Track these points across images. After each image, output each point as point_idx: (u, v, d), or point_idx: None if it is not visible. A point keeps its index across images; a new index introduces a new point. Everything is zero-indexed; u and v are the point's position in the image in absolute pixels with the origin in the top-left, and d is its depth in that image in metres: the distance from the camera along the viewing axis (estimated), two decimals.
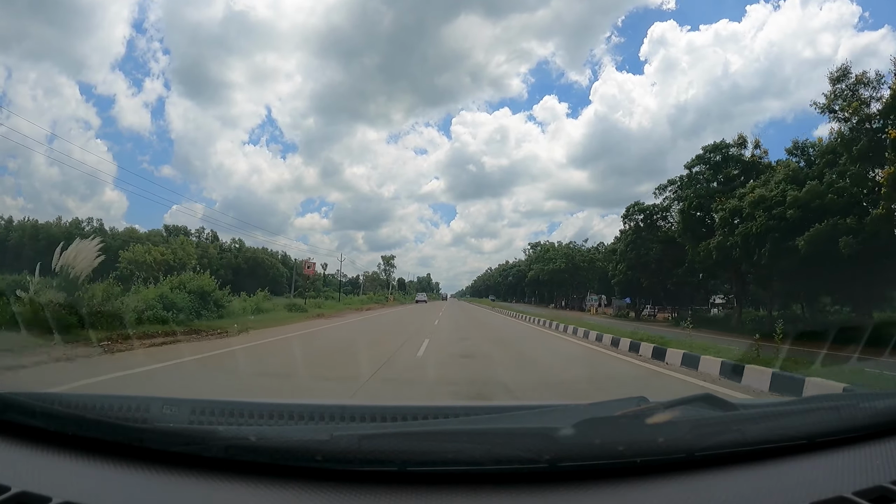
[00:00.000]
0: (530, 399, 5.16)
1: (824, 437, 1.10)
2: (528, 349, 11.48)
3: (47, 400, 1.25)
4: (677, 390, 5.96)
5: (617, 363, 9.08)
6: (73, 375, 5.99)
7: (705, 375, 7.19)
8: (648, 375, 7.58)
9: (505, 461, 0.95)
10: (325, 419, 1.24)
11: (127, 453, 1.01)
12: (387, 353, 9.39)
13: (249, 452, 0.97)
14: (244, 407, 1.29)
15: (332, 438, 0.97)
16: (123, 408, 1.23)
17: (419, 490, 0.93)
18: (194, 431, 1.07)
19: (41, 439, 1.06)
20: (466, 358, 9.13)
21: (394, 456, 0.95)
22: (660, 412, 1.06)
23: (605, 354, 10.47)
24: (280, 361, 8.51)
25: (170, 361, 7.57)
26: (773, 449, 1.05)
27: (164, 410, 1.24)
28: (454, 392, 5.66)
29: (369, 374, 6.74)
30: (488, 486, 0.93)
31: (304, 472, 0.95)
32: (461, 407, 1.55)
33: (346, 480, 0.94)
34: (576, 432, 0.97)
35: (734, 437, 1.06)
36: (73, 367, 6.68)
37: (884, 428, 1.14)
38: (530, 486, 0.94)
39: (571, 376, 7.72)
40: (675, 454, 1.00)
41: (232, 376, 6.75)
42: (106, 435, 1.04)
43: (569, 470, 0.96)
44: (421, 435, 1.05)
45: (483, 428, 1.08)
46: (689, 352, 8.29)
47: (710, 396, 1.20)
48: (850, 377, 5.70)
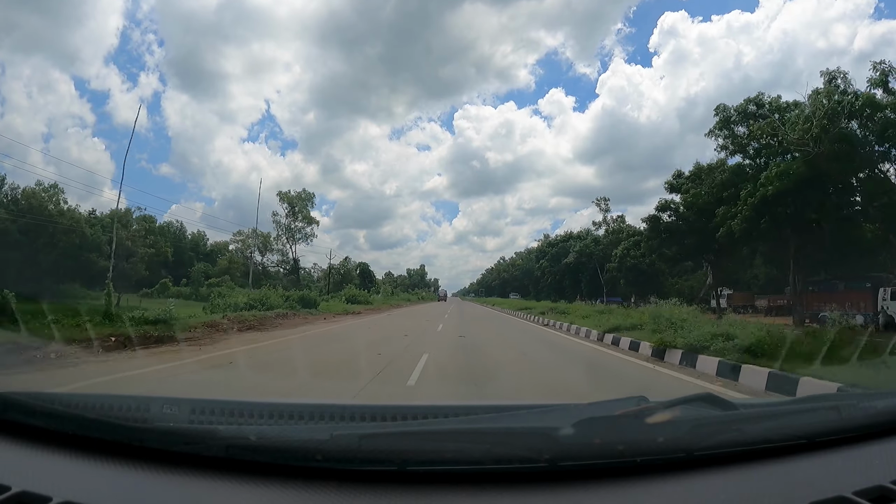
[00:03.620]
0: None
1: (824, 437, 1.10)
2: None
3: (47, 400, 1.25)
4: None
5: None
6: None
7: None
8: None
9: (505, 460, 0.95)
10: (325, 419, 1.24)
11: (127, 453, 1.01)
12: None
13: (249, 452, 0.97)
14: (244, 406, 1.29)
15: (332, 438, 0.97)
16: (123, 407, 1.23)
17: (419, 489, 0.93)
18: (194, 431, 1.07)
19: (41, 439, 1.06)
20: None
21: (394, 455, 0.95)
22: (659, 412, 1.06)
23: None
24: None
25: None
26: (773, 449, 1.05)
27: (164, 410, 1.24)
28: None
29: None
30: (488, 486, 0.94)
31: (305, 472, 0.95)
32: (461, 406, 1.54)
33: (347, 480, 0.94)
34: (576, 432, 0.98)
35: (734, 436, 1.06)
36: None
37: (884, 428, 1.14)
38: (530, 486, 0.94)
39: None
40: (674, 454, 1.00)
41: None
42: (106, 435, 1.04)
43: (569, 469, 0.96)
44: (421, 434, 1.05)
45: (483, 427, 1.08)
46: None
47: (710, 396, 1.20)
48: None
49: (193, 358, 8.06)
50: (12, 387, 4.05)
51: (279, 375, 6.67)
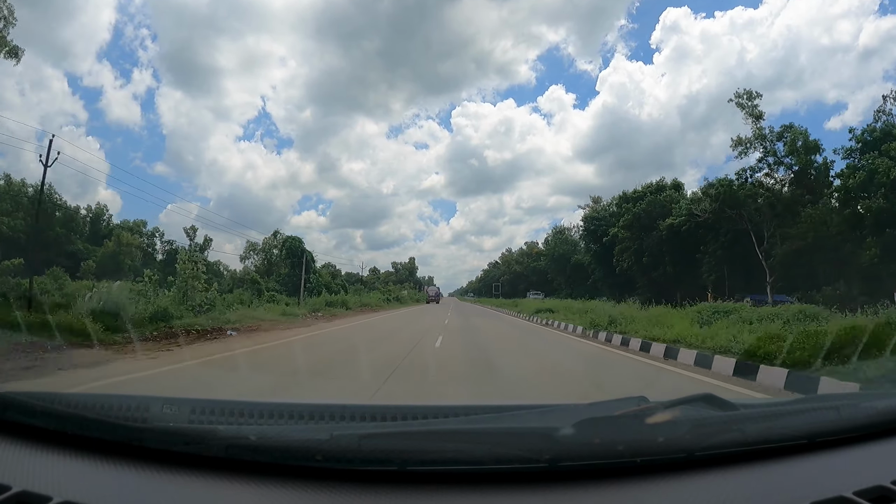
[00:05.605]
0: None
1: (824, 437, 1.10)
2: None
3: (47, 399, 1.25)
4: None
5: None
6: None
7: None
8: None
9: (505, 460, 0.95)
10: (326, 419, 1.24)
11: (127, 453, 1.01)
12: None
13: (249, 452, 0.97)
14: (244, 406, 1.29)
15: (333, 438, 0.97)
16: (123, 407, 1.23)
17: (419, 489, 0.93)
18: (194, 431, 1.07)
19: (41, 439, 1.06)
20: None
21: (394, 455, 0.95)
22: (660, 412, 1.06)
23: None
24: None
25: None
26: (773, 449, 1.05)
27: (164, 410, 1.24)
28: None
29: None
30: (488, 486, 0.94)
31: (305, 472, 0.95)
32: (461, 406, 1.54)
33: (347, 480, 0.94)
34: (576, 432, 0.98)
35: (734, 436, 1.06)
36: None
37: (884, 428, 1.15)
38: (530, 486, 0.94)
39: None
40: (675, 454, 1.00)
41: None
42: (106, 434, 1.04)
43: (569, 469, 0.96)
44: (421, 434, 1.05)
45: (483, 427, 1.08)
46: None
47: (710, 396, 1.20)
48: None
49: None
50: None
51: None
